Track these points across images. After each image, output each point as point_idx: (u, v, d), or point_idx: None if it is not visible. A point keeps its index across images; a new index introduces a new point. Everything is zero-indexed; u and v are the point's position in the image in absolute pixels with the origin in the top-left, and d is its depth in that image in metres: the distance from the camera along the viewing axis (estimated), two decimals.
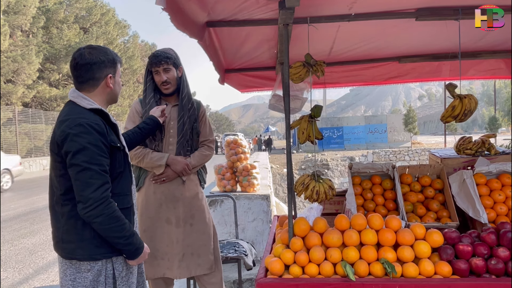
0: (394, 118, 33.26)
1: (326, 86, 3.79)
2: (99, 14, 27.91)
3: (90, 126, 1.61)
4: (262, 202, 4.38)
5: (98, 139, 1.62)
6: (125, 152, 1.82)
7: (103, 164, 1.62)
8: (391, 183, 2.54)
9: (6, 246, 5.73)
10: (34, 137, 21.13)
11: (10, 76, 20.54)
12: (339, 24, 2.35)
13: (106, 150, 1.65)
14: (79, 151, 1.58)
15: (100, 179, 1.60)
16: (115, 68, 1.78)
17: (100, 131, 1.64)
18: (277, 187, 19.25)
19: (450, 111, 2.27)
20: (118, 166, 1.74)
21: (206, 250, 2.53)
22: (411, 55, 3.22)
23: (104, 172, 1.62)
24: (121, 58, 1.89)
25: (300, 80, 2.20)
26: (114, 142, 1.71)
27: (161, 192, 2.48)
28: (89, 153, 1.59)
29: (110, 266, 1.72)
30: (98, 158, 1.61)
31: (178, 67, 2.47)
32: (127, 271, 1.80)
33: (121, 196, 1.74)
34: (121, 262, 1.76)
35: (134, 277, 1.89)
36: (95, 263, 1.69)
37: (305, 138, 2.19)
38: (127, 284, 1.81)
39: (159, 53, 2.41)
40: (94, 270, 1.68)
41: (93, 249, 1.67)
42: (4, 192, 11.65)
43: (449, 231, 1.92)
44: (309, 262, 1.83)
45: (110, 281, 1.73)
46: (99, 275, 1.69)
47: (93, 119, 1.65)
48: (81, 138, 1.59)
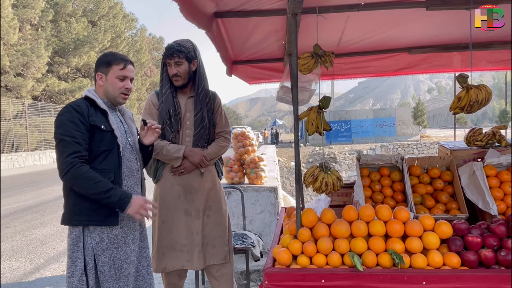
0: (403, 112, 32.97)
1: (335, 78, 3.77)
2: (107, 8, 27.93)
3: (71, 107, 1.91)
4: (269, 194, 4.39)
5: (76, 117, 1.88)
6: (114, 134, 1.98)
7: (76, 136, 1.86)
8: (400, 174, 2.52)
9: (18, 236, 5.83)
10: (44, 130, 21.35)
11: (19, 70, 20.72)
12: (348, 14, 2.32)
13: (83, 127, 1.88)
14: (59, 126, 1.89)
15: (71, 148, 1.83)
16: (108, 69, 2.01)
17: (79, 111, 1.90)
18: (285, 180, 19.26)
19: (456, 102, 2.25)
20: (102, 145, 1.94)
21: (222, 241, 2.54)
22: (421, 46, 3.18)
23: (77, 143, 1.85)
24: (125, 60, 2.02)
25: (309, 71, 2.19)
26: (95, 122, 1.93)
27: (179, 184, 2.48)
28: (66, 127, 1.87)
29: (88, 235, 1.91)
30: (73, 131, 1.86)
31: (191, 60, 2.42)
32: (109, 245, 1.93)
33: (104, 172, 1.92)
34: (98, 233, 1.93)
35: (123, 254, 1.98)
36: (73, 228, 1.92)
37: (314, 129, 2.18)
38: (111, 257, 1.94)
39: (172, 46, 2.38)
40: (73, 236, 1.92)
41: (72, 216, 1.92)
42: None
43: (458, 222, 1.91)
44: (317, 252, 1.84)
45: (90, 249, 1.90)
46: (78, 241, 1.90)
47: (77, 103, 1.95)
48: (63, 116, 1.90)
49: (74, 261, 1.90)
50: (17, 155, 18.37)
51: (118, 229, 1.98)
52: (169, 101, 2.44)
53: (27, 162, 18.67)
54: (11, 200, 8.97)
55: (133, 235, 2.07)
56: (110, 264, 1.94)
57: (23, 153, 18.91)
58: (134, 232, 2.08)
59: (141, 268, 2.12)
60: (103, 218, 1.92)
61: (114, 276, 1.94)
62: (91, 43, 24.78)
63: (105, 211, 1.92)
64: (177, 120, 2.46)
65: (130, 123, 2.18)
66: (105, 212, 1.92)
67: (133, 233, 2.07)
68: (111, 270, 1.94)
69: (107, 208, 1.92)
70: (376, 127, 31.89)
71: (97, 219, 1.91)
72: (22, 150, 19.72)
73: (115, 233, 1.97)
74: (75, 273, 1.89)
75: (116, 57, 2.02)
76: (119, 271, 1.96)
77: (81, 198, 1.90)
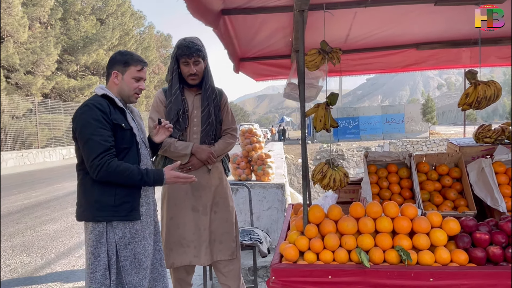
0: (412, 108, 32.70)
1: (342, 74, 3.75)
2: (115, 5, 28.08)
3: (93, 105, 1.91)
4: (276, 190, 4.40)
5: (100, 115, 1.89)
6: (133, 132, 2.02)
7: (103, 134, 1.87)
8: (408, 171, 2.51)
9: (29, 232, 5.92)
10: (54, 127, 21.58)
11: (29, 68, 20.95)
12: (356, 10, 2.31)
13: (108, 125, 1.90)
14: (85, 125, 1.88)
15: (100, 148, 1.85)
16: (125, 68, 2.02)
17: (102, 110, 1.90)
18: (292, 177, 19.25)
19: (464, 98, 2.23)
20: (123, 143, 1.97)
21: (229, 237, 2.56)
22: (429, 42, 3.16)
23: (105, 141, 1.87)
24: (143, 62, 2.06)
25: (316, 67, 2.19)
26: (117, 121, 1.95)
27: None
28: (92, 126, 1.87)
29: (111, 230, 1.93)
30: (99, 130, 1.87)
31: (205, 59, 2.46)
32: (131, 239, 1.96)
33: None
34: (121, 228, 1.95)
35: (142, 248, 2.01)
36: (97, 224, 1.92)
37: (322, 126, 2.18)
38: (132, 252, 1.97)
39: (191, 45, 2.37)
40: (96, 232, 1.92)
41: (95, 212, 1.92)
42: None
43: (466, 219, 1.90)
44: (324, 248, 1.84)
45: (113, 244, 1.93)
46: (101, 237, 1.92)
47: (97, 101, 1.94)
48: (85, 115, 1.89)
49: (97, 257, 1.92)
50: (28, 152, 18.62)
51: (138, 224, 2.02)
52: (178, 101, 2.46)
53: (37, 158, 18.91)
54: (22, 196, 9.10)
55: (150, 230, 2.11)
56: (131, 258, 1.98)
57: (33, 150, 19.15)
58: (150, 226, 2.12)
59: (155, 261, 2.16)
60: (126, 213, 1.95)
61: (135, 269, 1.99)
62: (99, 41, 24.96)
63: (128, 206, 1.96)
64: (185, 118, 2.48)
65: (139, 120, 2.21)
66: (128, 207, 1.96)
67: (149, 227, 2.11)
68: (132, 264, 1.98)
69: (130, 203, 1.96)
70: (385, 124, 31.68)
71: (121, 214, 1.94)
72: (32, 147, 19.96)
73: (136, 228, 2.01)
74: (98, 268, 1.92)
75: (133, 58, 2.05)
76: (139, 264, 2.00)
77: (105, 195, 1.93)
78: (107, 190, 1.93)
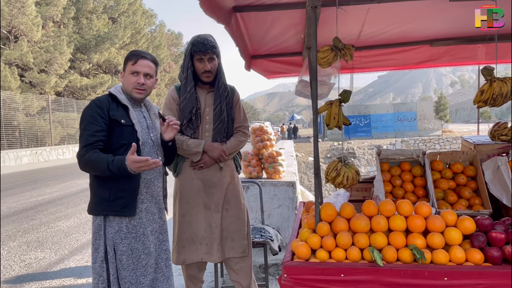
0: (425, 106, 32.27)
1: (354, 71, 3.72)
2: (127, 4, 28.28)
3: (93, 102, 2.04)
4: (287, 188, 4.39)
5: (95, 111, 1.98)
6: (134, 129, 2.04)
7: (91, 129, 1.95)
8: (421, 169, 2.48)
9: (43, 228, 6.02)
10: (67, 125, 21.88)
11: (43, 66, 21.26)
12: (369, 6, 2.29)
13: (102, 120, 1.97)
14: (81, 121, 2.01)
15: (84, 141, 1.94)
16: (125, 66, 2.10)
17: (99, 105, 2.00)
18: (302, 175, 19.19)
19: (479, 96, 2.19)
20: (121, 139, 2.01)
21: (240, 234, 2.57)
22: (444, 38, 3.10)
23: (90, 135, 1.94)
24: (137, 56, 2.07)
25: (328, 64, 2.16)
26: (115, 117, 2.00)
27: (199, 178, 2.51)
28: (86, 121, 1.98)
29: (108, 224, 2.00)
30: (90, 125, 1.96)
31: (219, 56, 2.46)
32: (127, 234, 2.00)
33: None
34: (118, 223, 2.01)
35: (141, 245, 2.03)
36: (95, 217, 2.03)
37: (336, 123, 2.16)
38: (129, 247, 2.00)
39: (206, 42, 2.37)
40: (95, 224, 2.02)
41: (94, 205, 2.03)
42: None
43: (482, 218, 1.87)
44: (336, 247, 1.83)
45: (110, 238, 1.98)
46: (99, 229, 2.00)
47: (100, 98, 2.06)
48: (84, 112, 2.02)
49: (97, 248, 2.00)
50: (42, 149, 18.92)
51: (136, 220, 2.04)
52: (193, 99, 2.46)
53: (51, 156, 19.21)
54: (36, 193, 9.26)
55: (152, 227, 2.11)
56: (128, 253, 2.00)
57: (47, 147, 19.45)
58: (153, 224, 2.12)
59: (160, 260, 2.16)
60: (120, 209, 1.98)
61: (131, 265, 2.00)
62: (111, 39, 25.18)
63: (123, 201, 1.98)
64: (197, 116, 2.49)
65: (154, 118, 2.21)
66: (122, 202, 1.98)
67: (152, 225, 2.11)
68: (128, 260, 2.00)
69: (125, 199, 1.98)
70: (397, 122, 31.34)
71: (115, 209, 1.98)
72: (46, 144, 20.28)
73: (133, 223, 2.03)
74: (97, 259, 1.99)
75: (131, 54, 2.10)
76: (136, 261, 2.02)
77: (101, 189, 1.99)
78: (103, 185, 1.99)
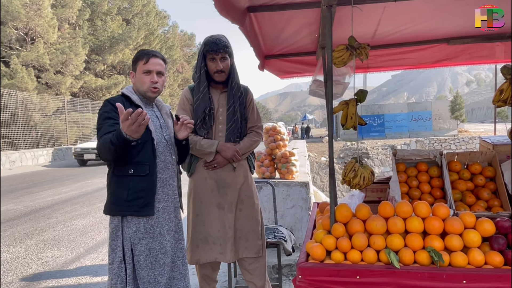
0: (440, 105, 31.75)
1: (369, 70, 3.67)
2: (141, 5, 28.60)
3: (107, 101, 2.08)
4: (301, 189, 4.37)
5: (110, 109, 2.02)
6: (148, 128, 2.03)
7: (109, 122, 2.00)
8: (438, 170, 2.44)
9: (60, 227, 6.12)
10: (82, 125, 22.24)
11: (59, 68, 21.64)
12: (385, 4, 2.26)
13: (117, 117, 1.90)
14: (99, 117, 2.06)
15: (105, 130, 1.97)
16: (135, 66, 2.12)
17: (113, 104, 2.02)
18: (315, 175, 19.09)
19: (498, 95, 2.14)
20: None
21: (254, 235, 2.56)
22: (461, 37, 3.04)
23: (109, 126, 1.97)
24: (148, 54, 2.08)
25: (343, 64, 2.14)
26: None
27: (212, 178, 2.52)
28: (103, 117, 2.03)
29: (126, 224, 2.00)
30: (108, 120, 2.00)
31: (231, 56, 2.47)
32: (145, 234, 2.01)
33: (139, 165, 2.01)
34: (135, 223, 2.01)
35: (158, 244, 2.04)
36: (113, 218, 2.03)
37: (353, 123, 2.13)
38: (147, 247, 2.01)
39: (218, 41, 2.39)
40: (113, 225, 2.02)
41: (111, 205, 2.03)
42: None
43: (501, 220, 1.82)
44: (351, 248, 1.81)
45: (128, 239, 1.99)
46: (117, 230, 2.01)
47: (114, 98, 2.10)
48: (101, 110, 2.07)
49: (114, 249, 2.00)
50: (57, 149, 19.25)
51: (154, 219, 2.05)
52: (206, 99, 2.46)
53: (66, 155, 19.52)
54: (52, 192, 9.43)
55: (168, 226, 2.12)
56: (146, 253, 2.01)
57: (63, 147, 19.78)
58: (169, 223, 2.13)
59: (176, 259, 2.17)
60: (139, 209, 1.99)
61: (149, 265, 2.01)
62: (125, 40, 25.50)
63: (141, 201, 1.99)
64: (211, 117, 2.49)
65: (166, 118, 2.23)
66: (141, 202, 1.99)
67: (168, 224, 2.12)
68: (146, 259, 2.01)
69: (143, 199, 1.99)
70: (411, 122, 30.91)
71: (133, 209, 1.98)
72: (62, 144, 20.63)
73: (151, 223, 2.04)
74: (115, 260, 1.99)
75: (141, 53, 2.11)
76: (154, 260, 2.03)
77: (119, 189, 1.99)
78: (122, 184, 1.99)
